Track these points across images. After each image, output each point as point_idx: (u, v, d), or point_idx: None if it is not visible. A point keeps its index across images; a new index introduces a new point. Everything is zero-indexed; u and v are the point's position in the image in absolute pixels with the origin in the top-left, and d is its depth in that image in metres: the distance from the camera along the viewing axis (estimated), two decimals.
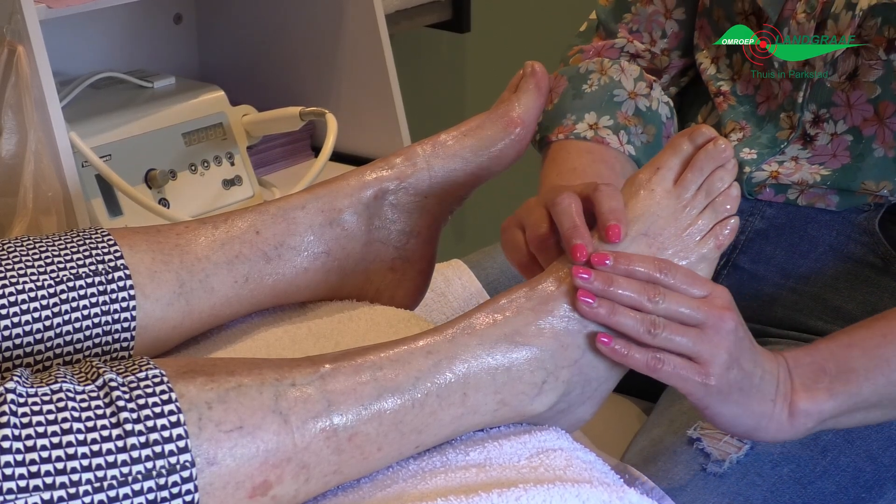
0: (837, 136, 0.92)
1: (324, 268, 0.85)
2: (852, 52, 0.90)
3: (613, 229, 0.72)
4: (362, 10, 1.39)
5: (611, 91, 1.01)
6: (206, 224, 0.82)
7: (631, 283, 0.71)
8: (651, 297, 0.71)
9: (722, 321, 0.72)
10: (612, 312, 0.71)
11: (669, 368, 0.71)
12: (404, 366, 0.68)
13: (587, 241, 0.72)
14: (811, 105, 0.93)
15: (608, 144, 0.98)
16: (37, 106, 1.08)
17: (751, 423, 0.75)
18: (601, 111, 1.00)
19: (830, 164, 0.93)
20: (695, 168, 0.75)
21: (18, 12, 1.07)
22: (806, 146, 0.94)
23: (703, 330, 0.72)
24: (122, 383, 0.62)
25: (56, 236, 0.78)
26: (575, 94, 1.02)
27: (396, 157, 0.87)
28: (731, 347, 0.72)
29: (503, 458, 0.69)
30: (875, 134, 0.90)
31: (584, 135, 0.99)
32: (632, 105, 1.01)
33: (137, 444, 0.59)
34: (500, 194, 1.65)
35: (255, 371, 0.65)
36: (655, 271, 0.72)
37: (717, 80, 1.00)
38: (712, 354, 0.71)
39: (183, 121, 1.30)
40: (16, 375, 0.61)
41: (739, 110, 0.98)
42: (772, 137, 0.95)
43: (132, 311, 0.76)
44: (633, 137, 0.99)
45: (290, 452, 0.63)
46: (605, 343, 0.71)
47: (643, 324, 0.71)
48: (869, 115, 0.90)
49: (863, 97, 0.90)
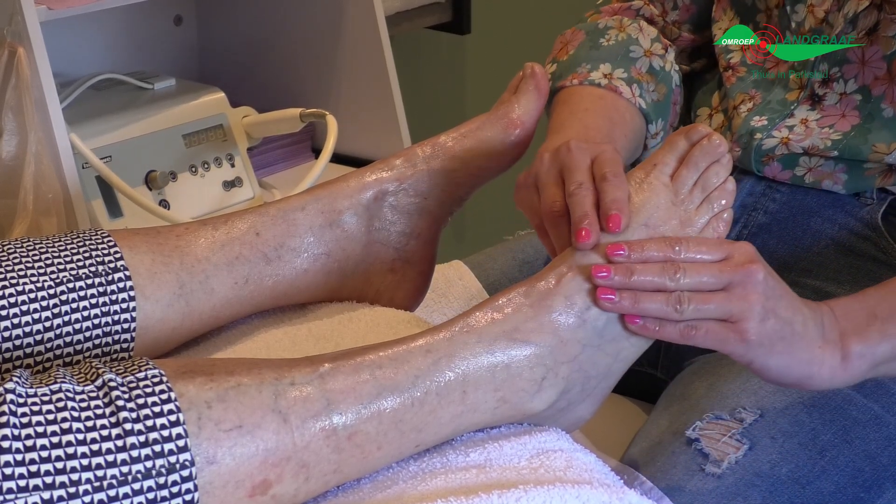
0: (846, 96, 0.92)
1: (324, 269, 0.85)
2: (874, 7, 0.90)
3: (614, 219, 0.73)
4: (362, 11, 1.40)
5: (627, 47, 1.03)
6: (206, 225, 0.83)
7: (649, 267, 0.73)
8: (671, 275, 0.72)
9: (748, 275, 0.73)
10: (635, 301, 0.72)
11: (703, 334, 0.73)
12: (403, 364, 0.68)
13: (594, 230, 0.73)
14: (823, 64, 0.93)
15: (621, 94, 1.00)
16: (37, 107, 1.08)
17: (802, 372, 0.76)
18: (616, 64, 1.02)
19: (840, 126, 0.93)
20: (690, 164, 0.77)
21: (19, 13, 1.07)
22: (814, 106, 0.94)
23: (730, 290, 0.73)
24: (122, 383, 0.62)
25: (56, 237, 0.78)
26: (592, 46, 1.04)
27: (396, 159, 0.88)
28: (762, 298, 0.73)
29: (503, 459, 0.69)
30: (884, 94, 0.91)
31: (599, 81, 1.01)
32: (646, 62, 1.03)
33: (137, 443, 0.59)
34: (500, 195, 1.65)
35: (254, 370, 0.65)
36: (670, 249, 0.73)
37: (728, 53, 1.01)
38: (744, 310, 0.72)
39: (183, 122, 1.30)
40: (15, 376, 0.61)
41: (748, 80, 0.99)
42: (781, 99, 0.96)
43: (132, 313, 0.76)
44: (645, 93, 1.01)
45: (290, 451, 0.63)
46: (636, 323, 0.72)
47: (669, 303, 0.72)
48: (881, 74, 0.91)
49: (878, 53, 0.90)
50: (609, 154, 0.77)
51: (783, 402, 0.87)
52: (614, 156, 0.77)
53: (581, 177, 0.76)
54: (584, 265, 0.73)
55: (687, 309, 0.72)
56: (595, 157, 0.77)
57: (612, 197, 0.74)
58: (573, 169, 0.77)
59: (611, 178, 0.75)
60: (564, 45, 1.07)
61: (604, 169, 0.76)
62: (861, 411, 0.88)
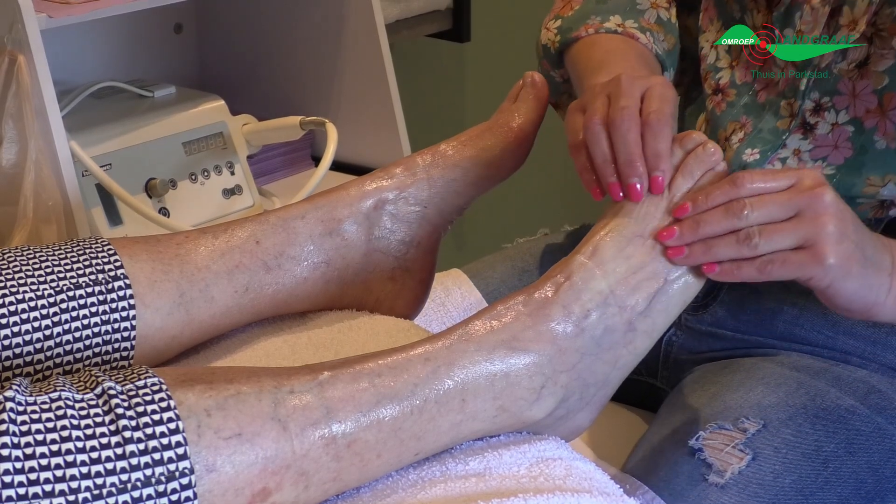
0: (838, 126, 0.91)
1: (323, 277, 0.85)
2: (865, 39, 0.88)
3: (656, 182, 0.74)
4: (362, 19, 1.40)
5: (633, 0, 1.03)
6: (206, 234, 0.83)
7: (714, 214, 0.73)
8: (739, 214, 0.73)
9: (817, 199, 0.73)
10: (707, 250, 0.73)
11: (780, 265, 0.73)
12: (402, 372, 0.68)
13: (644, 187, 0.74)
14: (814, 93, 0.92)
15: (638, 40, 1.00)
16: (37, 115, 1.08)
17: (870, 298, 0.76)
18: (626, 15, 1.02)
19: (833, 159, 0.91)
20: (685, 172, 0.77)
21: (19, 21, 1.07)
22: (807, 135, 0.92)
23: (801, 216, 0.73)
24: (121, 391, 0.62)
25: (56, 246, 0.79)
26: (598, 1, 1.03)
27: (396, 167, 0.88)
28: (835, 220, 0.73)
29: (503, 467, 0.70)
30: (876, 126, 0.89)
31: (615, 29, 1.00)
32: (654, 13, 1.03)
33: (136, 451, 0.60)
34: (499, 204, 1.66)
35: (253, 379, 0.65)
36: (732, 191, 0.74)
37: (717, 72, 1.00)
38: (819, 234, 0.73)
39: (183, 130, 1.31)
40: (14, 384, 0.61)
41: (738, 106, 0.97)
42: (772, 128, 0.94)
43: (132, 321, 0.77)
44: (657, 42, 1.01)
45: (290, 459, 0.64)
46: (714, 270, 0.74)
47: (741, 242, 0.73)
48: (872, 107, 0.89)
49: (868, 87, 0.89)
50: (658, 90, 0.77)
51: (786, 413, 0.87)
52: (664, 91, 0.77)
53: (627, 101, 0.76)
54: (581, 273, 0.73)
55: (760, 243, 0.73)
56: (647, 89, 0.78)
57: (652, 150, 0.75)
58: (621, 95, 0.77)
59: (654, 122, 0.75)
60: (567, 1, 1.06)
61: (651, 106, 0.76)
62: (864, 423, 0.88)
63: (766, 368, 0.92)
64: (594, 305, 0.73)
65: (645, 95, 0.78)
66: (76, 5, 1.15)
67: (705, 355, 0.99)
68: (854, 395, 0.90)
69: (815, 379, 0.91)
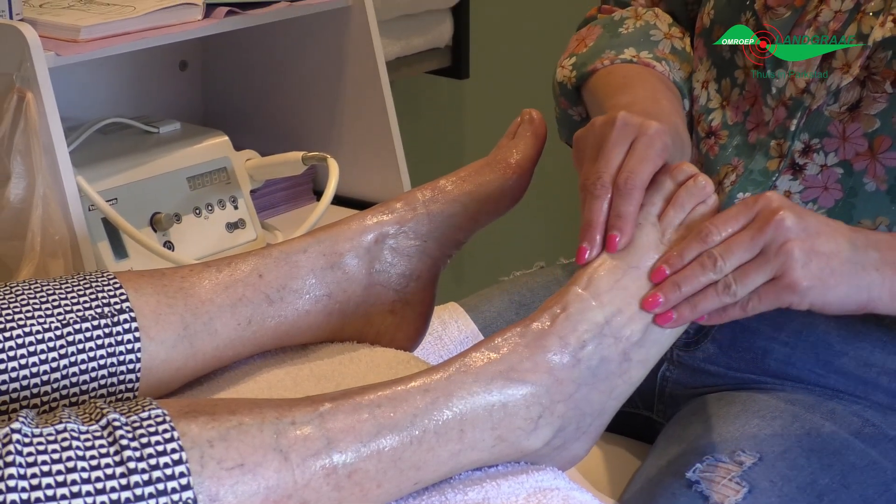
0: (827, 168, 0.90)
1: (325, 310, 0.85)
2: (858, 83, 0.88)
3: (611, 240, 0.76)
4: (363, 56, 1.41)
5: (647, 32, 1.03)
6: (210, 267, 0.83)
7: (691, 271, 0.74)
8: (713, 268, 0.74)
9: (776, 226, 0.74)
10: (693, 308, 0.75)
11: (757, 302, 0.75)
12: (402, 404, 0.68)
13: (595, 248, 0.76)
14: (804, 134, 0.91)
15: (654, 68, 1.00)
16: (45, 151, 1.09)
17: (861, 298, 0.77)
18: (640, 47, 1.02)
19: (824, 202, 0.91)
20: (677, 205, 0.78)
21: (28, 60, 1.08)
22: (796, 176, 0.92)
23: (766, 250, 0.74)
24: (126, 423, 0.62)
25: (63, 279, 0.79)
26: (612, 36, 1.03)
27: (397, 202, 0.88)
28: (799, 243, 0.74)
29: (501, 497, 0.70)
30: (866, 168, 0.89)
31: (631, 59, 1.00)
32: (668, 44, 1.03)
33: (141, 481, 0.60)
34: (498, 238, 1.66)
35: (255, 410, 0.66)
36: (702, 246, 0.75)
37: (709, 113, 0.99)
38: (785, 263, 0.74)
39: (187, 165, 1.31)
40: (21, 416, 0.62)
41: (730, 147, 0.97)
42: (762, 169, 0.93)
43: (137, 353, 0.77)
44: (673, 70, 1.01)
45: (291, 489, 0.64)
46: (702, 319, 0.75)
47: (720, 294, 0.74)
48: (862, 150, 0.89)
49: (859, 130, 0.89)
50: (642, 145, 0.78)
51: (782, 446, 0.87)
52: (647, 150, 0.77)
53: (605, 167, 0.77)
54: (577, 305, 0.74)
55: (738, 289, 0.74)
56: (635, 137, 0.78)
57: (616, 210, 0.76)
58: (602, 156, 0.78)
59: (622, 186, 0.76)
60: (581, 40, 1.06)
61: (627, 167, 0.77)
62: (859, 457, 0.88)
63: (761, 401, 0.92)
64: (590, 336, 0.74)
65: (632, 147, 0.78)
66: (84, 43, 1.16)
67: (699, 390, 0.99)
68: (848, 429, 0.90)
69: (809, 412, 0.91)
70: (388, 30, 1.75)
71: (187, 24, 1.24)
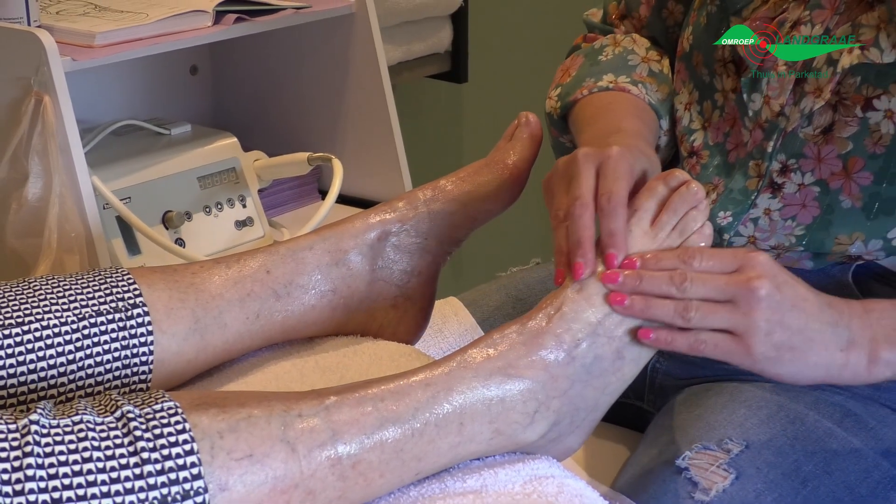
0: (805, 187, 0.90)
1: (330, 305, 0.85)
2: (830, 107, 0.88)
3: (609, 258, 0.74)
4: (366, 61, 1.41)
5: (625, 57, 1.03)
6: (219, 263, 0.83)
7: (657, 276, 0.73)
8: (678, 285, 0.73)
9: (752, 292, 0.72)
10: (645, 307, 0.73)
11: (711, 348, 0.73)
12: (404, 397, 0.68)
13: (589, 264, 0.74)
14: (780, 155, 0.91)
15: (630, 92, 1.00)
16: (61, 152, 1.09)
17: (817, 375, 0.75)
18: (618, 72, 1.01)
19: (802, 218, 0.90)
20: (670, 210, 0.77)
21: (45, 64, 1.08)
22: (775, 194, 0.91)
23: (735, 304, 0.72)
24: (139, 414, 0.62)
25: (79, 275, 0.79)
26: (592, 64, 1.04)
27: (399, 201, 0.88)
28: (766, 314, 0.72)
29: (498, 485, 0.69)
30: (841, 187, 0.88)
31: (607, 86, 1.00)
32: (645, 67, 1.02)
33: (153, 471, 0.60)
34: (495, 235, 1.66)
35: (264, 403, 0.66)
36: (680, 261, 0.74)
37: (691, 134, 0.99)
38: (748, 326, 0.72)
39: (198, 165, 1.31)
40: (39, 408, 0.62)
41: (711, 167, 0.97)
42: (742, 188, 0.93)
43: (150, 346, 0.77)
44: (650, 92, 1.01)
45: (298, 479, 0.64)
46: (648, 336, 0.73)
47: (676, 312, 0.72)
48: (837, 170, 0.88)
49: (833, 152, 0.88)
50: (611, 167, 0.77)
51: (767, 434, 0.87)
52: (616, 167, 0.77)
53: (579, 189, 0.76)
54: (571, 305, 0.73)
55: (694, 317, 0.72)
56: (599, 164, 0.78)
57: (607, 229, 0.75)
58: (575, 182, 0.77)
59: (605, 205, 0.75)
60: (565, 70, 1.06)
61: (604, 187, 0.76)
62: (841, 444, 0.88)
63: (748, 391, 0.92)
64: (584, 335, 0.73)
65: (599, 172, 0.77)
66: (98, 49, 1.16)
67: (688, 381, 0.99)
68: (831, 418, 0.90)
69: (794, 402, 0.91)
70: (390, 36, 1.75)
71: (198, 31, 1.24)
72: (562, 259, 0.76)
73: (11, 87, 1.10)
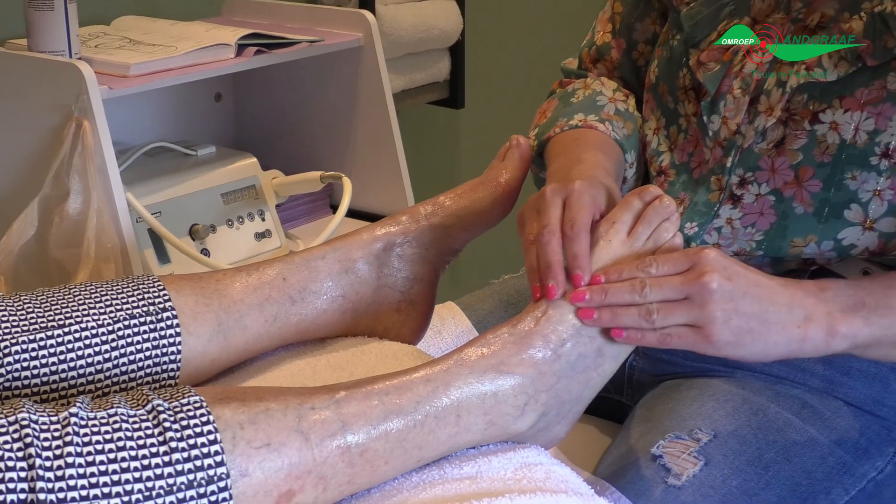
0: (762, 197, 0.90)
1: (340, 309, 0.85)
2: (781, 123, 0.88)
3: (576, 278, 0.75)
4: (373, 89, 1.41)
5: (594, 98, 1.03)
6: (240, 272, 0.83)
7: (619, 287, 0.73)
8: (639, 292, 0.73)
9: (703, 286, 0.72)
10: (613, 317, 0.73)
11: (677, 340, 0.73)
12: (407, 392, 0.68)
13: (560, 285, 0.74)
14: (739, 169, 0.91)
15: (596, 129, 0.99)
16: (99, 171, 1.09)
17: (780, 352, 0.75)
18: (587, 112, 1.01)
19: (761, 225, 0.91)
20: (644, 221, 0.77)
21: (85, 93, 1.08)
22: (736, 205, 0.91)
23: (691, 300, 0.73)
24: (168, 408, 0.62)
25: (114, 282, 0.79)
26: (565, 105, 1.04)
27: (402, 216, 0.88)
28: (720, 304, 0.72)
29: (492, 471, 0.69)
30: (794, 195, 0.88)
31: (576, 124, 1.00)
32: (612, 107, 1.02)
33: (181, 459, 0.60)
34: (489, 246, 1.66)
35: (280, 397, 0.66)
36: (637, 271, 0.74)
37: (659, 156, 0.99)
38: (705, 318, 0.72)
39: (222, 183, 1.31)
40: (78, 402, 0.62)
41: (678, 183, 0.97)
42: (706, 201, 0.93)
43: (178, 346, 0.77)
44: (616, 129, 1.00)
45: (311, 466, 0.64)
46: (620, 335, 0.73)
47: (641, 316, 0.73)
48: (790, 180, 0.88)
49: (785, 163, 0.88)
50: (575, 198, 0.77)
51: (733, 425, 0.87)
52: (579, 199, 0.77)
53: (546, 219, 0.77)
54: (557, 309, 0.74)
55: (657, 318, 0.73)
56: (566, 196, 0.78)
57: (572, 253, 0.75)
58: (544, 212, 0.78)
59: (568, 231, 0.76)
60: (542, 112, 1.07)
61: (568, 216, 0.76)
62: (799, 434, 0.88)
63: (716, 386, 0.92)
64: (569, 335, 0.73)
65: (566, 203, 0.78)
66: (133, 78, 1.16)
67: (662, 377, 0.99)
68: (790, 409, 0.90)
69: (757, 396, 0.91)
70: (395, 66, 1.75)
71: (222, 62, 1.24)
72: (534, 276, 0.77)
73: (54, 112, 1.11)
